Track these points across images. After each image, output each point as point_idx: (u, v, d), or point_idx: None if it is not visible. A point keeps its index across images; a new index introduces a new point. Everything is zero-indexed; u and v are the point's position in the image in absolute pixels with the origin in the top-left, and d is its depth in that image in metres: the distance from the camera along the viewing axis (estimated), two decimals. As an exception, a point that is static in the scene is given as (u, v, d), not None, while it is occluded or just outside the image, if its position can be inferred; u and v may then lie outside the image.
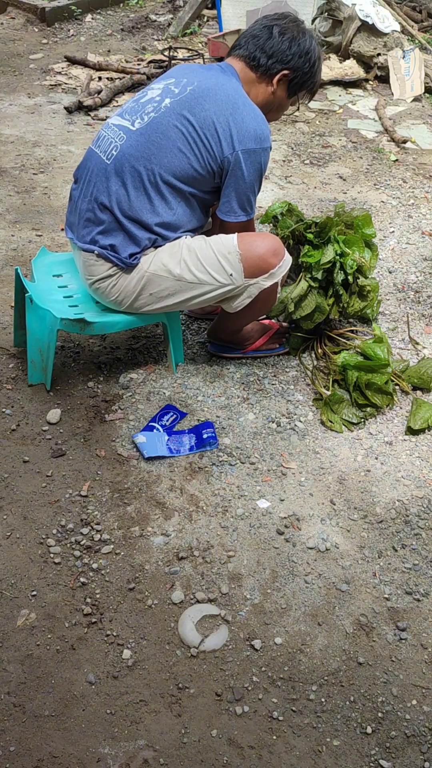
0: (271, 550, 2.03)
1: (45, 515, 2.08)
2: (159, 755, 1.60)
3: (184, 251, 2.29)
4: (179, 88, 2.25)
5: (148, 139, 2.22)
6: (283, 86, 2.34)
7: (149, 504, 2.13)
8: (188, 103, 2.22)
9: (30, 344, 2.41)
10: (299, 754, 1.62)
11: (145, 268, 2.30)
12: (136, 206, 2.23)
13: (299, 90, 2.37)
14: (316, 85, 2.40)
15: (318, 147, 4.32)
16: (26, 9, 5.92)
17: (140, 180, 2.22)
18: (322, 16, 5.48)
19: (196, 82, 2.25)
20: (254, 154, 2.25)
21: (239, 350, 2.64)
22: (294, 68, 2.29)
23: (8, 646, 1.78)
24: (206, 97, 2.21)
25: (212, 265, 2.29)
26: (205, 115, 2.20)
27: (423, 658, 1.81)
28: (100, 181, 2.26)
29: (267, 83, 2.32)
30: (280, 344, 2.68)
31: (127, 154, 2.23)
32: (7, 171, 3.86)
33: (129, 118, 2.28)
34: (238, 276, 2.30)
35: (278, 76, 2.30)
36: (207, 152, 2.22)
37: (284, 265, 2.36)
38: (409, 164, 4.17)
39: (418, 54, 5.06)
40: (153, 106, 2.25)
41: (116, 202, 2.24)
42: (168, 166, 2.21)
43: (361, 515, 2.14)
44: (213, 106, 2.21)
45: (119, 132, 2.27)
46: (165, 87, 2.29)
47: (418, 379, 2.55)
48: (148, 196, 2.23)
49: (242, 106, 2.23)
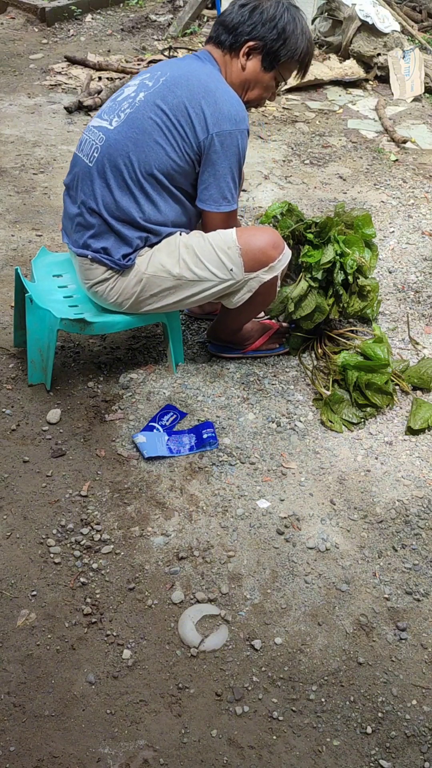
0: (271, 550, 2.03)
1: (45, 515, 2.08)
2: (159, 755, 1.60)
3: (182, 250, 2.28)
4: (153, 81, 2.22)
5: (125, 136, 2.19)
6: (255, 60, 2.23)
7: (149, 504, 2.13)
8: (161, 93, 2.18)
9: (30, 344, 2.41)
10: (299, 754, 1.62)
11: (142, 269, 2.29)
12: (123, 206, 2.21)
13: (276, 62, 2.24)
14: (298, 53, 2.25)
15: (318, 147, 4.32)
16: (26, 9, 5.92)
17: (122, 178, 2.20)
18: (322, 16, 5.48)
19: (169, 72, 2.21)
20: (230, 136, 2.17)
21: (239, 350, 2.63)
22: (258, 38, 2.19)
23: (8, 646, 1.78)
24: (178, 84, 2.17)
25: (212, 261, 2.28)
26: (178, 101, 2.15)
27: (423, 658, 1.81)
28: (85, 185, 2.26)
29: (235, 59, 2.23)
30: (280, 344, 2.68)
31: (107, 154, 2.21)
32: (7, 171, 3.86)
33: (107, 118, 2.26)
34: (239, 270, 2.29)
35: (243, 49, 2.21)
36: (182, 140, 2.17)
37: (284, 258, 2.35)
38: (409, 164, 4.17)
39: (418, 54, 5.06)
40: (128, 103, 2.23)
41: (103, 204, 2.22)
42: (147, 160, 2.18)
43: (361, 515, 2.14)
44: (185, 92, 2.15)
45: (99, 133, 2.25)
46: (140, 82, 2.26)
47: (418, 379, 2.55)
48: (133, 194, 2.21)
49: (215, 88, 2.16)
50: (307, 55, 2.28)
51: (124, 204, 2.21)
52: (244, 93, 2.28)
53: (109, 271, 2.29)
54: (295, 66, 2.29)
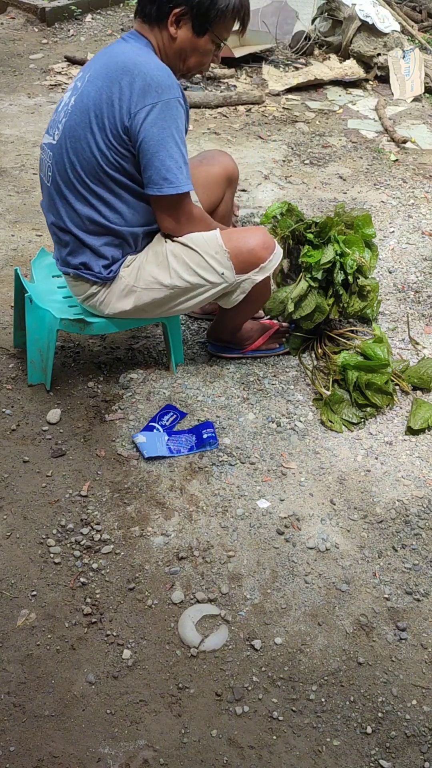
0: (271, 550, 2.03)
1: (45, 515, 2.08)
2: (159, 755, 1.60)
3: (171, 260, 2.25)
4: (81, 81, 2.13)
5: (67, 148, 2.13)
6: (185, 26, 2.09)
7: (149, 504, 2.13)
8: (86, 91, 2.08)
9: (30, 344, 2.41)
10: (299, 754, 1.62)
11: (132, 283, 2.26)
12: (86, 216, 2.17)
13: (208, 24, 2.09)
14: (230, 10, 2.09)
15: (318, 147, 4.32)
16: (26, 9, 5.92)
17: (77, 191, 2.15)
18: (322, 16, 5.48)
19: (94, 66, 2.12)
20: (155, 109, 2.02)
21: (239, 350, 2.63)
22: (183, 2, 2.04)
23: (8, 646, 1.78)
24: (99, 75, 2.07)
25: (202, 266, 2.25)
26: (98, 94, 2.05)
27: (423, 658, 1.81)
28: (51, 206, 2.24)
29: (164, 29, 2.09)
30: (280, 344, 2.67)
31: (57, 171, 2.17)
32: (7, 171, 3.86)
33: (51, 133, 2.21)
34: (230, 274, 2.27)
35: (170, 18, 2.07)
36: (112, 133, 2.06)
37: (275, 258, 2.33)
38: (409, 164, 4.17)
39: (418, 54, 5.06)
40: (64, 112, 2.15)
41: (69, 221, 2.19)
42: (91, 165, 2.11)
43: (361, 515, 2.14)
44: (105, 81, 2.04)
45: (48, 151, 2.21)
46: (74, 85, 2.17)
47: (418, 379, 2.55)
48: (91, 204, 2.16)
49: (132, 66, 2.03)
50: (242, 9, 2.13)
51: (86, 214, 2.17)
52: (182, 62, 2.15)
53: (95, 286, 2.28)
54: (231, 23, 2.14)
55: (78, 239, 2.21)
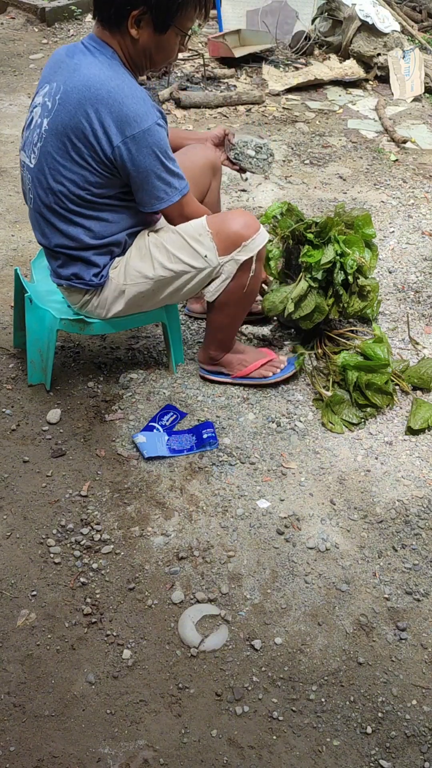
0: (271, 550, 2.03)
1: (45, 515, 2.08)
2: (159, 755, 1.60)
3: (153, 250, 2.24)
4: (51, 101, 2.08)
5: (44, 174, 2.12)
6: (146, 27, 2.02)
7: (149, 504, 2.13)
8: (60, 117, 2.05)
9: (30, 344, 2.42)
10: (299, 754, 1.62)
11: (120, 281, 2.26)
12: (72, 235, 2.17)
13: (169, 20, 2.02)
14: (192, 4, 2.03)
15: (318, 147, 4.32)
16: (26, 9, 5.92)
17: (60, 214, 2.15)
18: (322, 16, 5.48)
19: (63, 85, 2.05)
20: (136, 140, 2.02)
21: (229, 375, 2.55)
22: (142, 4, 1.97)
23: (8, 646, 1.78)
24: (71, 100, 2.02)
25: (185, 252, 2.23)
26: (74, 122, 2.02)
27: (423, 658, 1.81)
28: (37, 227, 2.24)
29: (125, 35, 2.03)
30: (273, 374, 2.55)
31: (37, 195, 2.17)
32: (7, 171, 3.86)
33: (27, 154, 2.19)
34: (213, 256, 2.23)
35: (130, 21, 2.00)
36: (94, 159, 2.06)
37: (259, 238, 2.26)
38: (409, 164, 4.17)
39: (418, 54, 5.06)
40: (37, 134, 2.12)
41: (54, 241, 2.20)
42: (71, 190, 2.10)
43: (361, 515, 2.14)
44: (78, 109, 2.01)
45: (27, 173, 2.20)
46: (43, 103, 2.12)
47: (418, 379, 2.55)
48: (75, 223, 2.16)
49: (106, 94, 1.99)
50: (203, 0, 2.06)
51: (72, 233, 2.17)
52: (148, 60, 2.11)
53: (87, 293, 2.28)
54: (194, 12, 2.07)
55: (67, 255, 2.21)
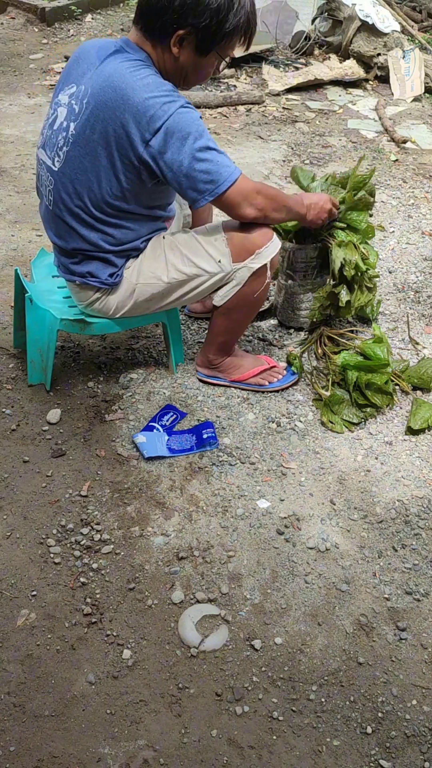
0: (271, 550, 2.03)
1: (45, 515, 2.08)
2: (159, 755, 1.60)
3: (168, 253, 2.25)
4: (79, 105, 2.06)
5: (70, 179, 2.11)
6: (189, 47, 2.01)
7: (149, 504, 2.13)
8: (89, 122, 2.03)
9: (30, 344, 2.41)
10: (299, 754, 1.62)
11: (133, 281, 2.26)
12: (93, 241, 2.17)
13: (212, 46, 2.02)
14: (238, 31, 2.02)
15: (318, 147, 4.32)
16: (26, 9, 5.92)
17: (82, 219, 2.15)
18: (322, 16, 5.48)
19: (90, 89, 2.03)
20: (168, 128, 1.97)
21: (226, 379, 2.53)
22: (189, 25, 1.96)
23: (8, 646, 1.78)
24: (100, 105, 2.00)
25: (199, 255, 2.23)
26: (104, 127, 2.00)
27: (423, 658, 1.81)
28: (53, 227, 2.23)
29: (166, 49, 2.01)
30: (270, 383, 2.53)
31: (59, 198, 2.15)
32: (7, 171, 3.86)
33: (50, 155, 2.16)
34: (227, 261, 2.23)
35: (173, 39, 1.98)
36: (122, 164, 2.04)
37: (272, 246, 2.25)
38: (409, 164, 4.17)
39: (418, 54, 5.06)
40: (63, 138, 2.10)
41: (74, 245, 2.19)
42: (96, 199, 2.10)
43: (361, 515, 2.14)
44: (108, 113, 1.99)
45: (48, 175, 2.17)
46: (69, 105, 2.10)
47: (418, 379, 2.55)
48: (98, 229, 2.16)
49: (131, 91, 1.96)
50: (248, 30, 2.06)
51: (93, 239, 2.17)
52: (182, 79, 2.10)
53: (99, 292, 2.28)
54: (237, 41, 2.07)
55: (84, 254, 2.21)
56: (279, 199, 2.22)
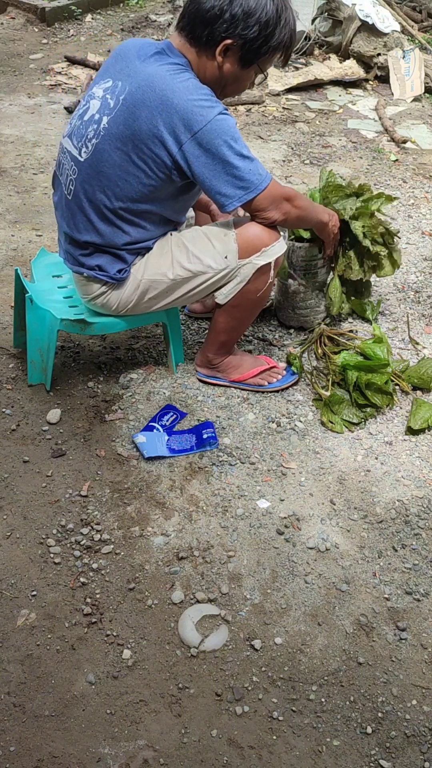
0: (271, 550, 2.03)
1: (45, 515, 2.08)
2: (159, 755, 1.60)
3: (174, 250, 2.26)
4: (114, 99, 2.08)
5: (96, 171, 2.12)
6: (232, 57, 2.06)
7: (149, 504, 2.13)
8: (123, 118, 2.05)
9: (30, 344, 2.41)
10: (299, 754, 1.62)
11: (139, 277, 2.27)
12: (108, 235, 2.18)
13: (255, 58, 2.07)
14: (281, 46, 2.09)
15: (318, 147, 4.32)
16: (26, 9, 5.92)
17: (102, 212, 2.16)
18: (322, 16, 5.48)
19: (128, 86, 2.06)
20: (205, 133, 2.01)
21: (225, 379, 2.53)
22: (238, 36, 2.01)
23: (8, 646, 1.78)
24: (137, 103, 2.03)
25: (206, 252, 2.24)
26: (139, 125, 2.03)
27: (423, 658, 1.81)
28: (69, 217, 2.23)
29: (211, 57, 2.05)
30: (269, 383, 2.53)
31: (81, 189, 2.16)
32: (7, 171, 3.86)
33: (77, 145, 2.17)
34: (233, 257, 2.23)
35: (220, 48, 2.03)
36: (154, 163, 2.07)
37: (278, 245, 2.26)
38: (409, 164, 4.17)
39: (418, 54, 5.06)
40: (94, 130, 2.11)
41: (88, 235, 2.20)
42: (121, 194, 2.12)
43: (361, 515, 2.14)
44: (145, 112, 2.02)
45: (72, 164, 2.18)
46: (103, 98, 2.11)
47: (418, 379, 2.55)
48: (115, 225, 2.17)
49: (170, 93, 1.99)
50: (290, 47, 2.13)
51: (108, 234, 2.18)
52: (220, 90, 2.13)
53: (105, 286, 2.28)
54: (278, 57, 2.14)
55: (96, 247, 2.22)
56: (305, 208, 2.30)
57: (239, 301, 2.32)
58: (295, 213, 2.25)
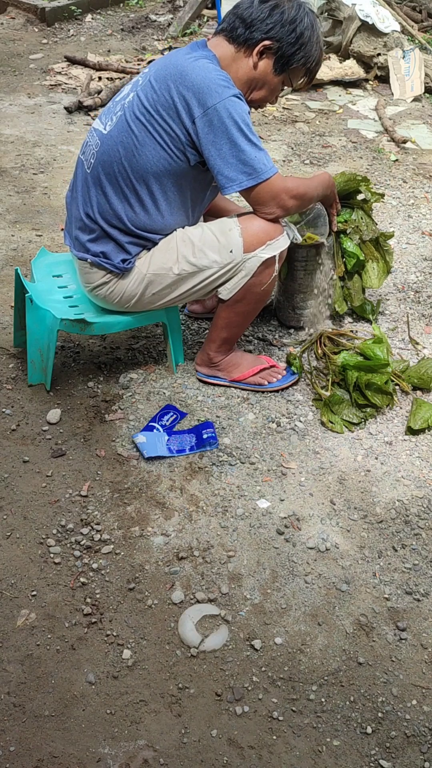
0: (271, 550, 2.03)
1: (45, 515, 2.08)
2: (159, 755, 1.60)
3: (180, 245, 2.27)
4: (143, 78, 2.20)
5: (117, 141, 2.18)
6: (268, 60, 2.17)
7: (149, 504, 2.13)
8: (145, 91, 2.15)
9: (30, 344, 2.41)
10: (299, 754, 1.62)
11: (144, 271, 2.28)
12: (119, 212, 2.21)
13: (287, 65, 2.19)
14: (311, 61, 2.21)
15: (318, 147, 4.32)
16: (26, 9, 5.92)
17: (118, 185, 2.19)
18: (322, 16, 5.48)
19: (156, 67, 2.19)
20: (217, 110, 2.07)
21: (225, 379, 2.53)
22: (276, 38, 2.13)
23: (8, 646, 1.78)
24: (158, 77, 2.14)
25: (211, 246, 2.26)
26: (157, 96, 2.12)
27: (423, 658, 1.81)
28: (84, 191, 2.26)
29: (247, 56, 2.16)
30: (269, 382, 2.52)
31: (101, 160, 2.20)
32: (7, 171, 3.86)
33: (104, 121, 2.25)
34: (238, 251, 2.24)
35: (258, 47, 2.14)
36: (169, 136, 2.12)
37: (282, 239, 2.29)
38: (409, 164, 4.17)
39: (418, 54, 5.06)
40: (120, 105, 2.21)
41: (99, 211, 2.22)
42: (139, 164, 2.16)
43: (361, 515, 2.14)
44: (163, 84, 2.11)
45: (96, 138, 2.24)
46: (135, 80, 2.25)
47: (418, 379, 2.55)
48: (128, 201, 2.20)
49: (190, 69, 2.09)
50: (318, 65, 2.26)
51: (119, 210, 2.21)
52: (250, 92, 2.22)
53: (109, 275, 2.29)
54: (304, 73, 2.25)
55: (103, 230, 2.24)
56: (304, 194, 2.31)
57: (243, 295, 2.33)
58: (296, 205, 2.29)
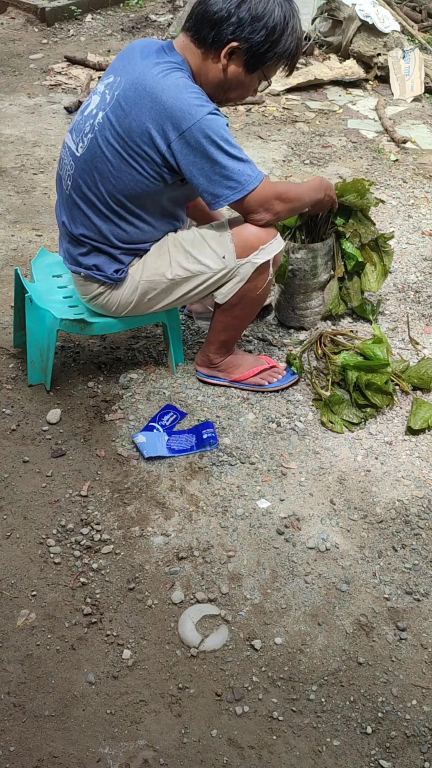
0: (271, 550, 2.03)
1: (45, 515, 2.08)
2: (159, 755, 1.60)
3: (172, 250, 2.26)
4: (111, 95, 2.09)
5: (91, 166, 2.13)
6: (237, 61, 2.06)
7: (149, 504, 2.13)
8: (116, 113, 2.06)
9: (30, 344, 2.41)
10: (299, 754, 1.62)
11: (137, 278, 2.27)
12: (105, 231, 2.19)
13: (260, 64, 2.07)
14: (286, 55, 2.08)
15: (318, 147, 4.32)
16: (26, 9, 5.92)
17: (97, 208, 2.16)
18: (322, 16, 5.48)
19: (123, 81, 2.07)
20: (192, 132, 2.00)
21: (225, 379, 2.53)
22: (244, 39, 2.01)
23: (8, 646, 1.78)
24: (128, 100, 2.04)
25: (203, 252, 2.24)
26: (129, 122, 2.04)
27: (423, 658, 1.81)
28: (67, 211, 2.24)
29: (216, 59, 2.05)
30: (269, 382, 2.52)
31: (76, 184, 2.17)
32: (7, 171, 3.86)
33: (75, 140, 2.18)
34: (231, 257, 2.23)
35: (226, 50, 2.02)
36: (145, 161, 2.07)
37: (276, 243, 2.25)
38: (409, 164, 4.17)
39: (418, 54, 5.06)
40: (90, 125, 2.13)
41: (85, 230, 2.21)
42: (115, 188, 2.12)
43: (361, 515, 2.14)
44: (135, 109, 2.03)
45: (70, 159, 2.20)
46: (102, 93, 2.13)
47: (418, 379, 2.55)
48: (111, 221, 2.18)
49: (160, 91, 1.99)
50: (296, 56, 2.12)
51: (105, 230, 2.19)
52: (223, 93, 2.14)
53: (103, 286, 2.28)
54: (282, 65, 2.14)
55: (93, 246, 2.23)
56: (296, 198, 2.27)
57: (238, 300, 2.32)
58: (286, 209, 2.24)
